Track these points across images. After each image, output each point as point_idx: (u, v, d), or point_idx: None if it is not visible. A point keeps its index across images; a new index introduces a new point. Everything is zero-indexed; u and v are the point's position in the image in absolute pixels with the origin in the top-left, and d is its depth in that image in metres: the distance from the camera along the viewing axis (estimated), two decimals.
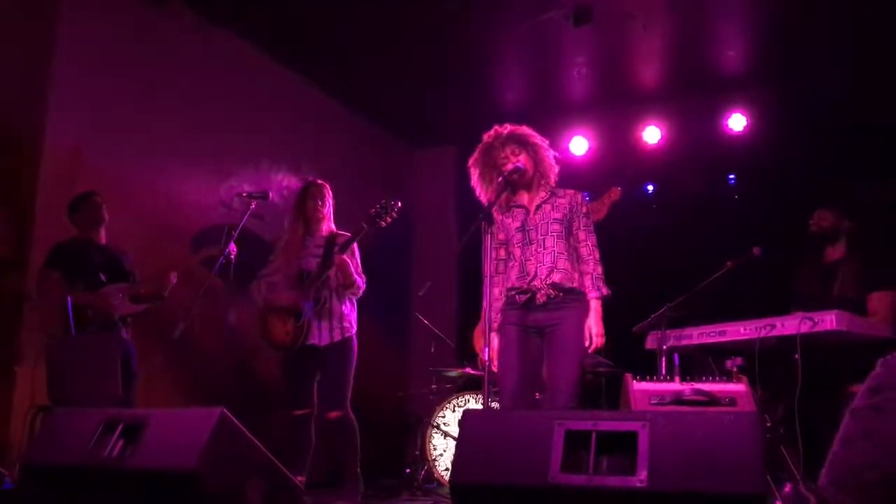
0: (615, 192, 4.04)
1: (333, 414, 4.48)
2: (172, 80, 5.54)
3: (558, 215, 3.60)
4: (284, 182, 6.48)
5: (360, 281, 4.59)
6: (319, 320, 4.49)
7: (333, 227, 4.73)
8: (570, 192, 3.71)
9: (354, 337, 4.62)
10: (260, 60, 6.31)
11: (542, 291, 3.48)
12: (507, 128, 3.72)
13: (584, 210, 3.66)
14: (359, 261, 4.67)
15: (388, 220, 4.45)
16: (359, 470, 4.59)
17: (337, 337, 4.52)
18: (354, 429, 4.55)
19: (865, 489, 1.68)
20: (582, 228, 3.62)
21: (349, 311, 4.62)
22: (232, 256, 4.46)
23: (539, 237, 3.58)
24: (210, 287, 4.49)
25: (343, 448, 4.56)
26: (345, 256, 4.45)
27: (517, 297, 3.54)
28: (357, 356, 4.60)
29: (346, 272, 4.45)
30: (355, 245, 4.61)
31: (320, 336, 4.50)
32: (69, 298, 4.41)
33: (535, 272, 3.52)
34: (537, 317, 3.50)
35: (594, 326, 3.46)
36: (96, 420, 2.90)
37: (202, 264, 4.63)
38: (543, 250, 3.54)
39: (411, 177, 8.20)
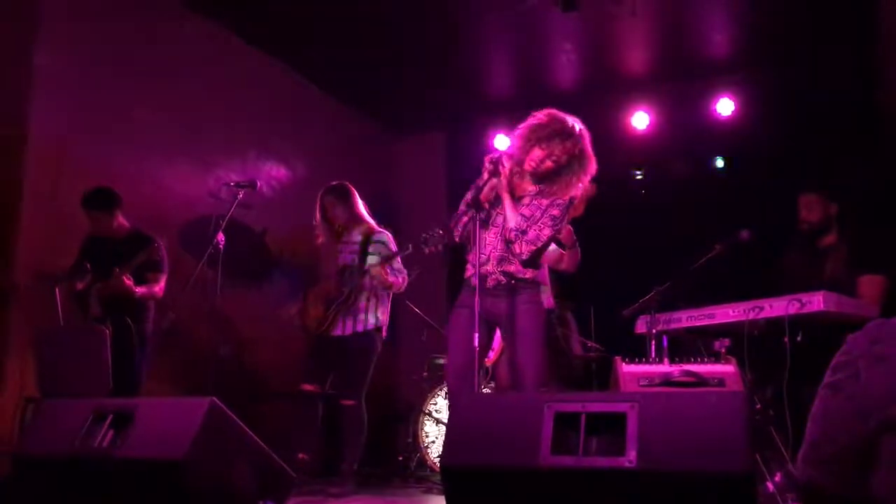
0: (590, 189, 4.03)
1: (347, 402, 4.63)
2: (157, 72, 5.49)
3: (527, 212, 3.54)
4: (272, 172, 6.46)
5: (399, 280, 4.74)
6: (345, 316, 4.70)
7: (368, 218, 4.88)
8: (556, 197, 3.59)
9: (380, 331, 4.78)
10: (246, 51, 6.27)
11: (493, 277, 3.51)
12: (575, 126, 3.65)
13: (555, 213, 3.53)
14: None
15: (433, 249, 4.54)
16: (356, 468, 4.70)
17: (360, 328, 4.71)
18: (363, 423, 4.66)
19: (824, 463, 1.72)
20: (542, 223, 3.50)
21: (374, 306, 4.77)
22: (220, 246, 4.45)
23: (502, 222, 3.56)
24: (199, 277, 4.49)
25: (347, 440, 4.68)
26: (385, 269, 4.66)
27: (472, 279, 3.51)
28: (380, 352, 4.78)
29: (383, 281, 4.66)
30: (393, 243, 4.83)
31: (344, 328, 4.70)
32: (56, 290, 4.43)
33: (489, 256, 3.53)
34: (487, 302, 3.49)
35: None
36: (86, 410, 2.90)
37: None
38: (500, 238, 3.54)
39: (400, 163, 8.18)
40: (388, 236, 4.85)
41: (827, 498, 1.68)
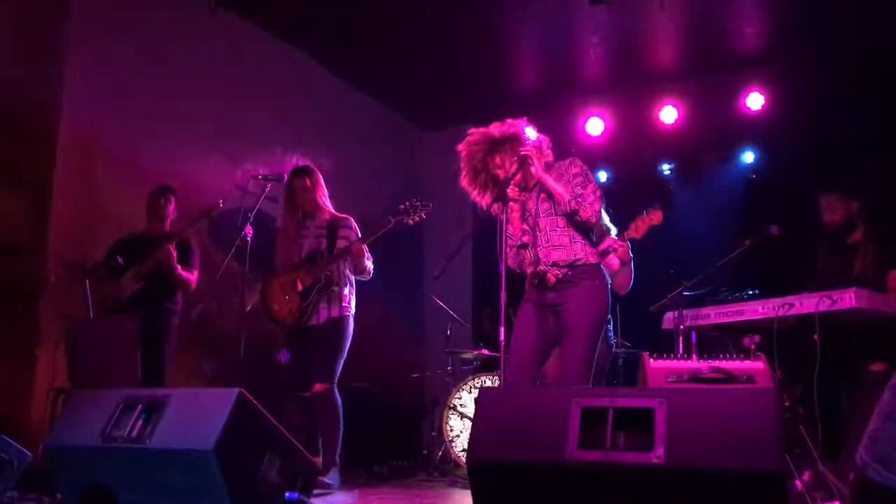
0: (656, 216, 3.95)
1: (319, 386, 4.42)
2: (187, 66, 5.54)
3: (544, 194, 3.56)
4: (299, 165, 6.48)
5: (370, 265, 4.62)
6: (326, 303, 4.54)
7: (330, 207, 4.74)
8: (559, 163, 3.61)
9: (350, 318, 4.61)
10: (273, 44, 6.30)
11: (550, 273, 3.47)
12: (485, 134, 3.61)
13: (575, 170, 3.52)
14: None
15: (417, 219, 4.45)
16: (338, 458, 4.45)
17: (335, 314, 4.54)
18: (338, 409, 4.44)
19: None
20: (576, 186, 3.47)
21: (347, 293, 4.63)
22: (248, 238, 4.47)
23: (535, 222, 3.56)
24: (226, 269, 4.53)
25: (323, 428, 4.44)
26: (354, 242, 4.49)
27: (533, 281, 3.56)
28: (351, 338, 4.59)
29: (361, 262, 4.52)
30: (356, 228, 4.65)
31: (318, 316, 4.55)
32: (87, 282, 4.49)
33: (539, 256, 3.51)
34: (550, 296, 3.49)
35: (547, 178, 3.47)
36: (116, 400, 2.93)
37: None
38: (540, 233, 3.53)
39: (425, 158, 8.18)
40: (352, 221, 4.70)
41: None
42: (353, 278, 4.68)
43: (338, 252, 4.52)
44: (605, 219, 4.18)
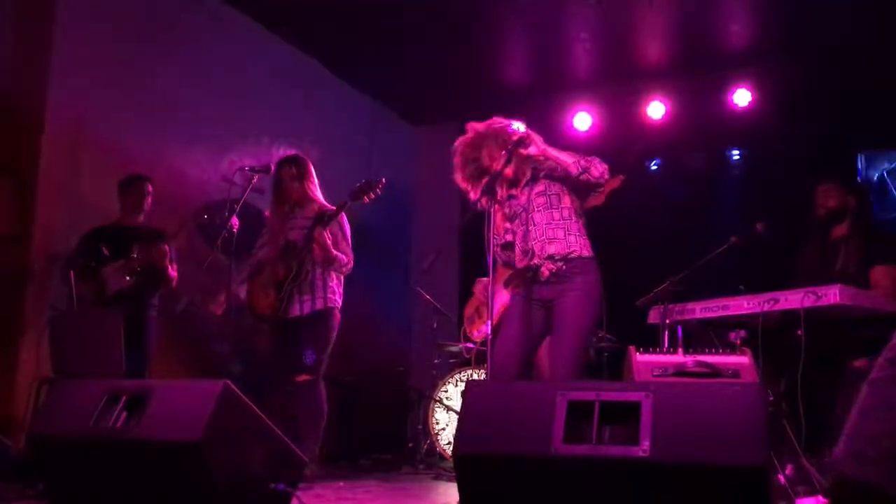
0: (615, 180, 3.97)
1: (302, 377, 4.34)
2: (174, 55, 5.51)
3: (540, 188, 3.56)
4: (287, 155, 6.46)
5: (344, 258, 4.50)
6: (301, 294, 4.49)
7: (321, 198, 4.67)
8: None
9: (337, 311, 4.56)
10: (262, 35, 6.27)
11: (544, 266, 3.46)
12: (473, 130, 3.67)
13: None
14: (349, 236, 4.60)
15: (372, 195, 4.39)
16: (317, 451, 4.36)
17: (319, 306, 4.49)
18: (321, 402, 4.35)
19: (885, 459, 1.65)
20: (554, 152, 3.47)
21: (333, 285, 4.57)
22: (234, 230, 4.45)
23: (528, 216, 3.55)
24: (213, 261, 4.51)
25: (304, 420, 4.30)
26: (328, 232, 4.40)
27: (526, 274, 3.55)
28: (338, 331, 4.54)
29: (325, 248, 4.38)
30: (345, 221, 4.58)
31: (301, 307, 4.49)
32: (71, 273, 4.47)
33: (533, 250, 3.51)
34: (542, 291, 3.49)
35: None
36: (100, 391, 2.91)
37: (187, 226, 4.82)
38: (535, 227, 3.52)
39: (413, 153, 8.17)
40: (342, 215, 4.58)
41: (878, 498, 1.63)
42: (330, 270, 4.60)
43: (306, 242, 4.44)
44: None
